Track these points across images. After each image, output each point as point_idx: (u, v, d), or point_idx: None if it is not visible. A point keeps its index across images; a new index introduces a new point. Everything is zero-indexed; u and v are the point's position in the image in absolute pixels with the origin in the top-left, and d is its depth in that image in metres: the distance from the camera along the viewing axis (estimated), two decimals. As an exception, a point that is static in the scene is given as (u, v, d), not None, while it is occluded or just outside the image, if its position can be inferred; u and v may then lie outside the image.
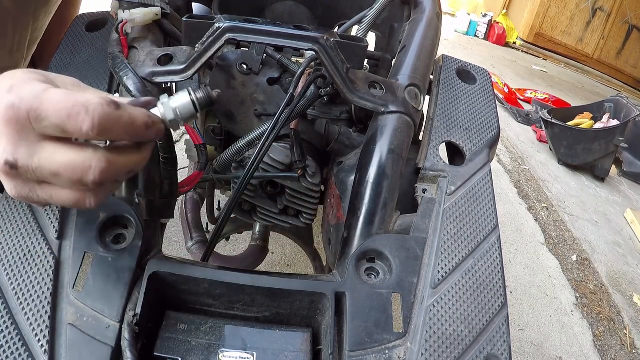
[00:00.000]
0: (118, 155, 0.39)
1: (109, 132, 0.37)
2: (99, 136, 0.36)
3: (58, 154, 0.36)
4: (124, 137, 0.39)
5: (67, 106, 0.35)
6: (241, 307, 0.51)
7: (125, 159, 0.40)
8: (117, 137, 0.38)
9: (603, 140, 3.04)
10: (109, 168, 0.37)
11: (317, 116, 0.76)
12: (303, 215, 0.79)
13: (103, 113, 0.35)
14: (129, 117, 0.38)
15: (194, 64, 0.59)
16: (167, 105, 0.43)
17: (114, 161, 0.38)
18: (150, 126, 0.40)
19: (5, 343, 0.43)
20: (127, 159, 0.40)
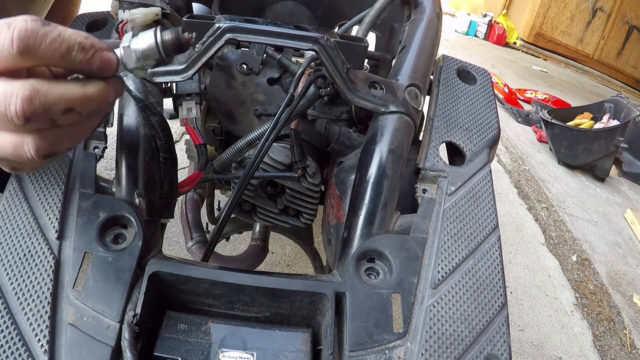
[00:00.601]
0: (51, 85, 0.34)
1: (34, 52, 0.33)
2: (22, 56, 0.32)
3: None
4: (55, 60, 0.34)
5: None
6: (241, 307, 0.51)
7: (59, 89, 0.34)
8: (47, 59, 0.34)
9: (603, 141, 3.04)
10: (34, 97, 0.33)
11: (317, 116, 0.76)
12: (303, 215, 0.79)
13: (25, 28, 0.32)
14: (59, 34, 0.33)
15: (194, 64, 0.59)
16: (127, 48, 0.38)
17: (42, 90, 0.33)
18: (88, 50, 0.35)
19: (5, 343, 0.43)
20: (62, 89, 0.35)
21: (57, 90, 0.34)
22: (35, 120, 0.34)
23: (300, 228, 0.83)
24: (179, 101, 0.66)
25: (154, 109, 0.57)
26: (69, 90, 0.35)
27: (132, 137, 0.58)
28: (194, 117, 0.65)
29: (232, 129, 0.80)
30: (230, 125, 0.79)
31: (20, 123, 0.33)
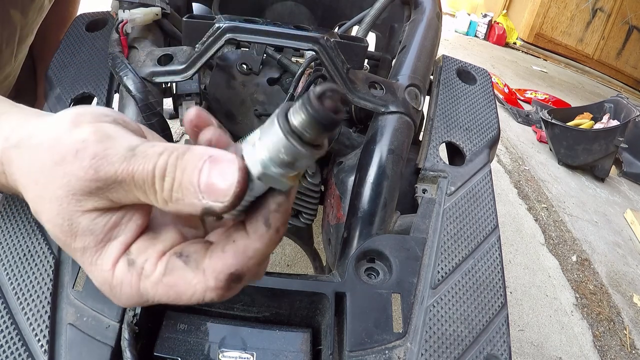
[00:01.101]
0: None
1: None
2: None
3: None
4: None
5: (169, 300, 0.27)
6: (241, 307, 0.51)
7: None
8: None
9: (603, 141, 3.04)
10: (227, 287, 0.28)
11: (317, 116, 0.76)
12: (303, 215, 0.79)
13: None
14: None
15: (194, 64, 0.60)
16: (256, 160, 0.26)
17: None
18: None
19: (5, 343, 0.43)
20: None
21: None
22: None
23: (300, 228, 0.83)
24: (179, 101, 0.66)
25: (154, 109, 0.57)
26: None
27: (132, 137, 0.58)
28: (194, 117, 0.65)
29: (232, 129, 0.80)
30: (230, 125, 0.79)
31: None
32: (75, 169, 0.26)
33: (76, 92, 0.64)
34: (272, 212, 0.26)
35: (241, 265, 0.26)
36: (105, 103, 0.64)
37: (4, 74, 0.84)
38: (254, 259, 0.27)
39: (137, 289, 0.27)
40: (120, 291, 0.27)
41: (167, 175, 0.25)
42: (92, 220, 0.27)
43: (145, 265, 0.27)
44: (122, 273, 0.27)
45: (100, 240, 0.27)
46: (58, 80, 0.66)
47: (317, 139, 0.24)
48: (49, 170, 0.26)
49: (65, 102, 0.63)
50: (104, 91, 0.65)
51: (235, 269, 0.26)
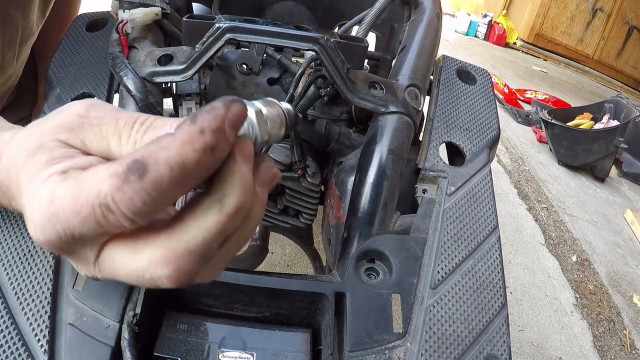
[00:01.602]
0: (190, 239, 0.26)
1: (146, 207, 0.24)
2: (136, 217, 0.24)
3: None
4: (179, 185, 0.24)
5: (75, 209, 0.24)
6: (241, 307, 0.51)
7: (200, 236, 0.26)
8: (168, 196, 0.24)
9: (603, 141, 3.04)
10: (183, 273, 0.26)
11: (317, 116, 0.76)
12: (303, 215, 0.79)
13: (117, 200, 0.23)
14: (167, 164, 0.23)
15: (194, 64, 0.60)
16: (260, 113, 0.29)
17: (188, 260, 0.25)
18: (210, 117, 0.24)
19: (5, 343, 0.43)
20: (202, 234, 0.26)
21: (200, 242, 0.25)
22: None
23: (300, 228, 0.83)
24: (179, 101, 0.66)
25: (154, 109, 0.57)
26: (209, 227, 0.25)
27: (132, 137, 0.58)
28: (194, 117, 0.65)
29: (232, 129, 0.80)
30: (230, 125, 0.79)
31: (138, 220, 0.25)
32: (73, 108, 0.29)
33: (76, 92, 0.64)
34: (203, 112, 0.24)
35: (148, 153, 0.23)
36: (105, 103, 0.64)
37: (6, 76, 0.84)
38: (165, 152, 0.23)
39: (51, 194, 0.25)
40: (39, 200, 0.25)
41: (146, 122, 0.27)
42: (57, 145, 0.27)
43: (73, 174, 0.25)
44: (50, 181, 0.25)
45: (53, 159, 0.27)
46: (58, 80, 0.66)
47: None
48: (42, 121, 0.29)
49: (66, 102, 0.63)
50: (104, 91, 0.65)
51: (140, 156, 0.23)
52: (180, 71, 0.60)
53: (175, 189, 0.24)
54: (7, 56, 0.80)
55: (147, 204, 0.23)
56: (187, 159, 0.23)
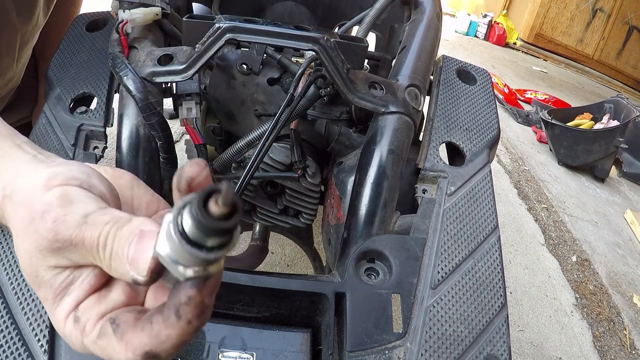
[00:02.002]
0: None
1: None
2: None
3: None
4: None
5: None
6: (241, 307, 0.51)
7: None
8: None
9: (603, 141, 3.04)
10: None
11: (317, 116, 0.76)
12: (303, 215, 0.79)
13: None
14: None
15: (194, 64, 0.60)
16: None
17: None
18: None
19: (5, 343, 0.43)
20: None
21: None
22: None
23: (300, 228, 0.83)
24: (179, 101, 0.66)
25: (154, 109, 0.57)
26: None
27: (132, 137, 0.58)
28: (194, 117, 0.66)
29: (232, 129, 0.80)
30: (230, 126, 0.79)
31: None
32: (41, 229, 0.30)
33: (76, 92, 0.64)
34: (183, 304, 0.27)
35: (155, 346, 0.28)
36: (105, 103, 0.64)
37: (5, 79, 0.84)
38: (167, 344, 0.28)
39: (81, 342, 0.30)
40: (71, 341, 0.30)
41: (107, 245, 0.29)
42: (52, 275, 0.30)
43: (86, 324, 0.30)
44: (70, 327, 0.30)
45: (57, 294, 0.30)
46: (58, 80, 0.66)
47: (207, 243, 0.23)
48: (25, 227, 0.31)
49: (66, 101, 0.63)
50: (104, 91, 0.65)
51: (149, 349, 0.28)
52: (180, 71, 0.60)
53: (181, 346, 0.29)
54: (5, 61, 0.80)
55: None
56: (187, 338, 0.28)
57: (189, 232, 0.23)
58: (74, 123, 0.61)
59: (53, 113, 0.62)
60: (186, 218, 0.23)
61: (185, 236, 0.23)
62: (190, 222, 0.23)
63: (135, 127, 0.58)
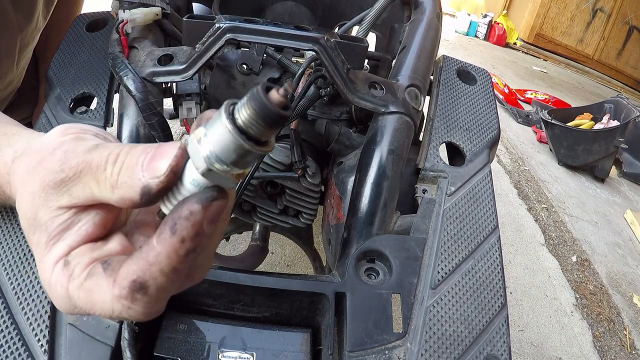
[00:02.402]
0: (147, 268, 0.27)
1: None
2: (151, 316, 0.28)
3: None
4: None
5: (93, 312, 0.27)
6: (241, 307, 0.51)
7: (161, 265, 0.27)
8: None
9: (603, 141, 3.04)
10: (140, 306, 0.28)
11: (317, 116, 0.76)
12: (303, 215, 0.79)
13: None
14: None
15: (194, 64, 0.60)
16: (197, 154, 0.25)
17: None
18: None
19: (5, 343, 0.43)
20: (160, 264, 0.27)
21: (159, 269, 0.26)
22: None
23: (300, 228, 0.83)
24: (179, 101, 0.66)
25: (154, 109, 0.57)
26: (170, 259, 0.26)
27: (132, 137, 0.58)
28: (194, 117, 0.66)
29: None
30: (231, 126, 0.79)
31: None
32: (49, 162, 0.29)
33: (76, 92, 0.64)
34: (182, 218, 0.25)
35: (142, 271, 0.25)
36: (105, 103, 0.64)
37: (6, 81, 0.84)
38: (156, 266, 0.25)
39: (66, 290, 0.27)
40: (55, 291, 0.28)
41: (117, 160, 0.27)
42: (51, 217, 0.28)
43: (76, 268, 0.27)
44: (57, 272, 0.28)
45: (52, 238, 0.28)
46: (58, 81, 0.66)
47: (264, 135, 0.24)
48: (33, 169, 0.29)
49: (66, 102, 0.63)
50: (104, 91, 0.65)
51: (137, 276, 0.26)
52: (181, 71, 0.60)
53: (175, 282, 0.27)
54: (5, 64, 0.80)
55: (158, 304, 0.27)
56: (176, 263, 0.26)
57: (247, 122, 0.23)
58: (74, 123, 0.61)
59: (53, 113, 0.62)
60: (243, 111, 0.23)
61: (241, 127, 0.23)
62: (250, 113, 0.23)
63: (136, 127, 0.58)
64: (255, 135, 0.24)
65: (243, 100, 0.23)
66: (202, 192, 0.26)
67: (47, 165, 0.28)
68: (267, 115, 0.23)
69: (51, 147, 0.29)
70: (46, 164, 0.29)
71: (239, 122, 0.24)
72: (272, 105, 0.23)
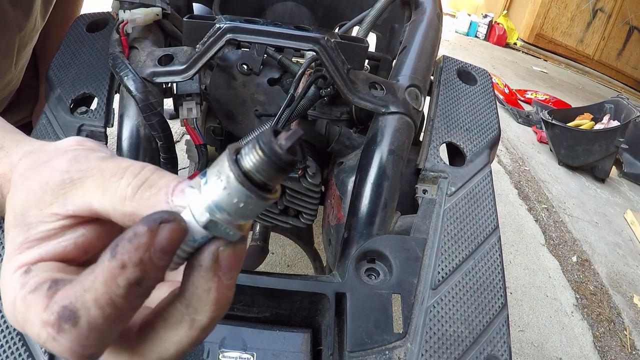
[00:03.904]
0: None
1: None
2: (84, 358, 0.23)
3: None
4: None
5: (25, 332, 0.24)
6: (241, 307, 0.51)
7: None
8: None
9: (603, 141, 3.04)
10: None
11: (317, 117, 0.76)
12: (303, 215, 0.79)
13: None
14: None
15: (194, 64, 0.60)
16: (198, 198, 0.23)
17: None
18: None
19: (6, 343, 0.43)
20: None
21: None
22: None
23: (300, 228, 0.83)
24: (180, 101, 0.66)
25: (154, 109, 0.57)
26: (181, 341, 0.24)
27: (132, 137, 0.58)
28: (194, 118, 0.66)
29: (232, 130, 0.80)
30: (231, 126, 0.79)
31: None
32: (56, 162, 0.27)
33: (77, 92, 0.64)
34: (124, 240, 0.22)
35: (75, 297, 0.22)
36: (105, 103, 0.64)
37: (4, 81, 0.84)
38: (90, 293, 0.22)
39: (13, 298, 0.24)
40: (6, 295, 0.25)
41: (140, 174, 0.25)
42: (38, 220, 0.26)
43: (31, 279, 0.24)
44: (16, 277, 0.25)
45: (28, 241, 0.26)
46: (59, 81, 0.66)
47: (271, 182, 0.22)
48: (37, 166, 0.28)
49: (66, 102, 0.63)
50: (104, 91, 0.65)
51: (69, 302, 0.22)
52: (181, 71, 0.60)
53: (115, 324, 0.23)
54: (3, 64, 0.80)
55: (90, 346, 0.22)
56: (115, 296, 0.22)
57: (255, 169, 0.22)
58: (74, 123, 0.61)
59: (54, 113, 0.62)
60: (251, 156, 0.22)
61: (247, 174, 0.22)
62: (257, 159, 0.21)
63: (136, 127, 0.58)
64: (262, 183, 0.22)
65: (249, 146, 0.22)
66: (152, 214, 0.22)
67: (53, 164, 0.27)
68: (277, 161, 0.21)
69: (62, 150, 0.28)
70: (52, 163, 0.27)
71: (245, 169, 0.22)
72: (283, 151, 0.21)
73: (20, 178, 0.29)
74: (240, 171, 0.22)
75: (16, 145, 0.33)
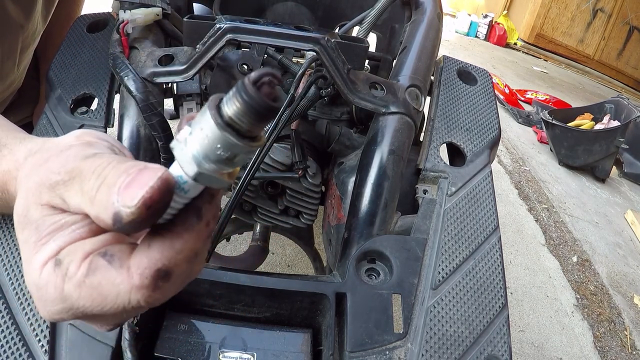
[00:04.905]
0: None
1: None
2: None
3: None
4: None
5: (101, 309, 0.26)
6: (241, 307, 0.51)
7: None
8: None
9: (603, 141, 3.04)
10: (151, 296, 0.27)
11: (317, 117, 0.76)
12: (303, 215, 0.79)
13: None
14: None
15: (195, 65, 0.60)
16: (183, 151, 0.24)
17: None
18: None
19: (6, 343, 0.43)
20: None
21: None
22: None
23: (300, 228, 0.83)
24: (180, 101, 0.66)
25: (154, 110, 0.57)
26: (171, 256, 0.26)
27: (133, 137, 0.58)
28: (194, 118, 0.65)
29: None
30: (231, 126, 0.79)
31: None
32: (52, 162, 0.28)
33: (77, 92, 0.64)
34: (205, 203, 0.25)
35: (168, 259, 0.25)
36: (106, 103, 0.64)
37: (7, 82, 0.84)
38: (183, 254, 0.25)
39: (60, 291, 0.25)
40: (46, 293, 0.26)
41: (102, 173, 0.25)
42: (42, 215, 0.27)
43: (70, 266, 0.25)
44: (48, 273, 0.26)
45: (41, 237, 0.27)
46: (59, 81, 0.66)
47: (254, 129, 0.23)
48: (39, 166, 0.29)
49: (66, 102, 0.63)
50: (104, 92, 0.65)
51: (162, 264, 0.25)
52: (181, 71, 0.60)
53: (196, 265, 0.28)
54: (6, 65, 0.80)
55: (177, 291, 0.27)
56: (199, 248, 0.27)
57: (236, 116, 0.22)
58: (74, 124, 0.61)
59: (54, 114, 0.62)
60: (230, 104, 0.22)
61: (229, 122, 0.22)
62: (238, 106, 0.22)
63: (136, 127, 0.58)
64: (244, 130, 0.22)
65: (230, 93, 0.22)
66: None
67: (50, 165, 0.28)
68: (257, 108, 0.22)
69: (61, 148, 0.29)
70: (49, 164, 0.28)
71: (226, 117, 0.22)
72: (262, 97, 0.22)
73: (24, 179, 0.29)
74: (221, 119, 0.22)
75: (19, 143, 0.33)
